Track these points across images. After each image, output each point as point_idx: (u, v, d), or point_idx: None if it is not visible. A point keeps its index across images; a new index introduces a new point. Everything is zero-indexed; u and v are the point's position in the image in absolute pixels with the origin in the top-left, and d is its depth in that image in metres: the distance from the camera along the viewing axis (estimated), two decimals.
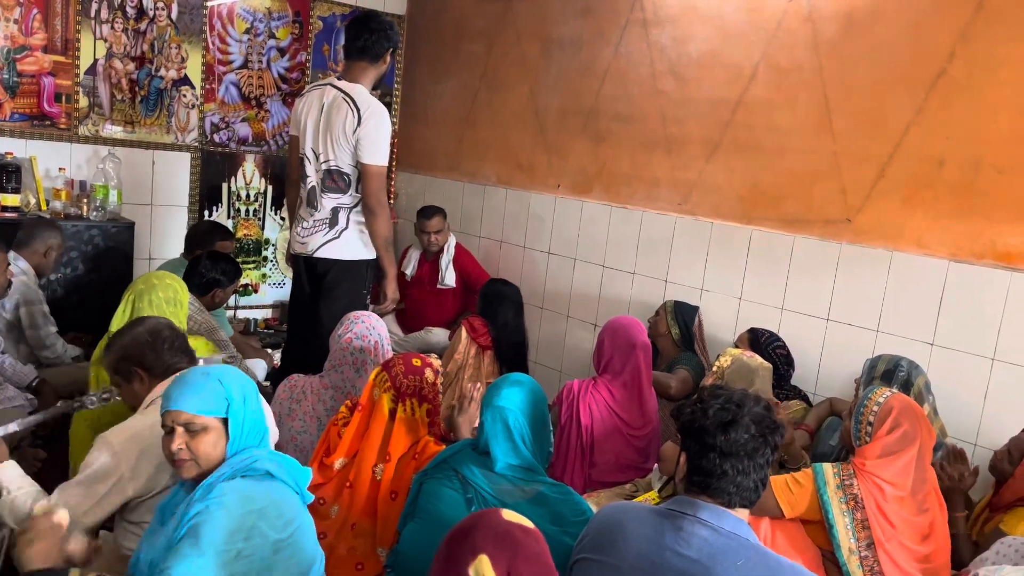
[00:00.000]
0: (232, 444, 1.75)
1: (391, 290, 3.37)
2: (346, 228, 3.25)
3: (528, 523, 1.44)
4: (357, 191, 3.22)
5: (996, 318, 2.80)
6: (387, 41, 3.23)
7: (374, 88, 3.30)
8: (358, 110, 3.10)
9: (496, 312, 3.82)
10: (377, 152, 3.14)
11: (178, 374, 1.90)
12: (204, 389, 1.74)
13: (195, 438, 1.72)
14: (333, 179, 3.19)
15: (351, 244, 3.26)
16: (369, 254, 3.32)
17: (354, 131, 3.09)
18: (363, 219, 3.25)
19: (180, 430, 1.72)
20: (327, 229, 3.24)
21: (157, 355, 2.17)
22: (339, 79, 3.23)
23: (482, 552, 1.34)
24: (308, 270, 3.34)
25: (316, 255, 3.26)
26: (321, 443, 2.39)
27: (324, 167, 3.19)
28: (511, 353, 3.83)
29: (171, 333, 2.24)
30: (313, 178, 3.24)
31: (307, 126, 3.22)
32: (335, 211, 3.23)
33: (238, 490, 1.66)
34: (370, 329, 2.79)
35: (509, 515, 1.43)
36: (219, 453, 1.74)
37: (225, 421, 1.75)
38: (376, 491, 2.27)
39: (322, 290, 3.30)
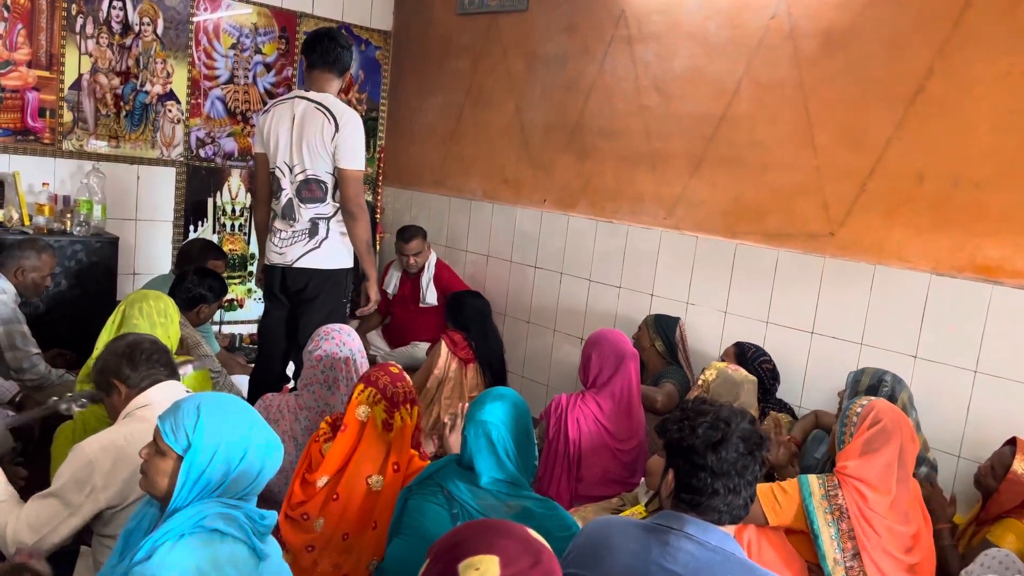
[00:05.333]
0: (179, 490, 1.59)
1: (373, 292, 3.37)
2: (326, 238, 3.24)
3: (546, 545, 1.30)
4: (335, 199, 3.22)
5: (978, 331, 2.83)
6: (350, 57, 3.30)
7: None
8: (334, 117, 3.12)
9: (469, 321, 3.82)
10: (355, 157, 3.16)
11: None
12: (179, 416, 1.62)
13: (154, 456, 1.64)
14: (310, 189, 3.19)
15: (332, 254, 3.26)
16: (349, 262, 3.32)
17: (332, 138, 3.11)
18: (343, 228, 3.25)
19: (151, 440, 1.66)
20: (307, 239, 3.23)
21: (134, 366, 2.14)
22: (306, 91, 3.25)
23: (496, 554, 1.20)
24: (287, 282, 3.31)
25: (296, 265, 3.24)
26: (303, 460, 2.38)
27: (300, 177, 3.19)
28: (493, 359, 3.82)
29: (151, 346, 2.21)
30: (288, 190, 3.23)
31: (278, 140, 3.21)
32: (314, 222, 3.23)
33: (177, 559, 1.50)
34: (340, 345, 2.76)
35: (533, 532, 1.30)
36: (165, 486, 1.61)
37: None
38: (373, 501, 2.26)
39: (302, 302, 3.28)
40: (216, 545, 1.54)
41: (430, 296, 4.44)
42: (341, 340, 2.79)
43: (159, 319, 2.78)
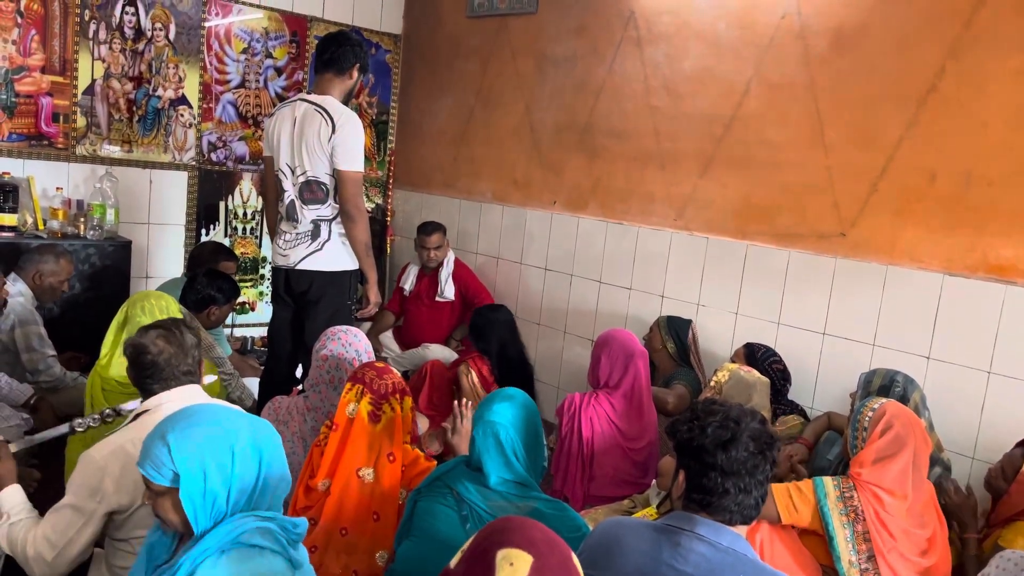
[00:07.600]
0: (193, 519, 1.57)
1: (373, 295, 3.38)
2: (328, 240, 3.25)
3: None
4: (336, 201, 3.23)
5: (991, 331, 2.81)
6: (353, 56, 3.25)
7: (344, 103, 3.31)
8: (331, 119, 3.12)
9: (490, 340, 3.82)
10: (352, 158, 3.16)
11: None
12: (152, 454, 1.58)
13: (155, 498, 1.62)
14: (311, 190, 3.20)
15: (334, 256, 3.27)
16: (352, 264, 3.32)
17: (329, 139, 3.11)
18: (343, 230, 3.26)
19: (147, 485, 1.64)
20: (309, 241, 3.25)
21: (146, 384, 2.15)
22: (308, 94, 3.27)
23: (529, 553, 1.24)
24: (290, 284, 3.32)
25: (299, 267, 3.26)
26: (305, 466, 2.38)
27: (301, 179, 3.20)
28: (517, 376, 3.82)
29: (149, 361, 2.15)
30: (291, 192, 3.24)
31: (281, 142, 3.23)
32: (316, 224, 3.24)
33: (219, 575, 1.51)
34: (346, 345, 2.76)
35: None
36: (179, 519, 1.59)
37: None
38: (369, 493, 2.26)
39: (306, 304, 3.30)
40: (255, 559, 1.56)
41: (448, 290, 4.45)
42: (347, 341, 2.79)
43: (161, 316, 2.76)
